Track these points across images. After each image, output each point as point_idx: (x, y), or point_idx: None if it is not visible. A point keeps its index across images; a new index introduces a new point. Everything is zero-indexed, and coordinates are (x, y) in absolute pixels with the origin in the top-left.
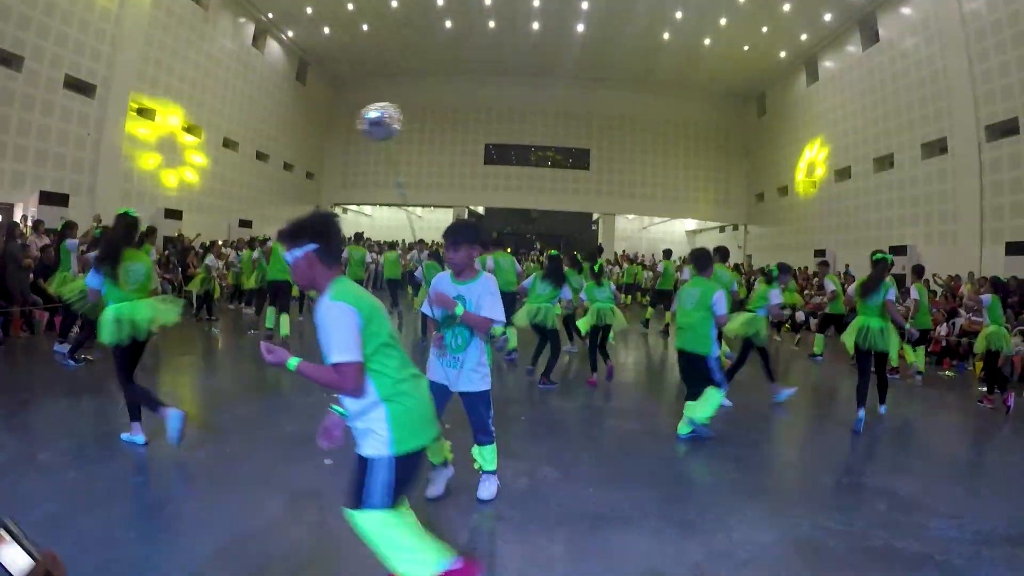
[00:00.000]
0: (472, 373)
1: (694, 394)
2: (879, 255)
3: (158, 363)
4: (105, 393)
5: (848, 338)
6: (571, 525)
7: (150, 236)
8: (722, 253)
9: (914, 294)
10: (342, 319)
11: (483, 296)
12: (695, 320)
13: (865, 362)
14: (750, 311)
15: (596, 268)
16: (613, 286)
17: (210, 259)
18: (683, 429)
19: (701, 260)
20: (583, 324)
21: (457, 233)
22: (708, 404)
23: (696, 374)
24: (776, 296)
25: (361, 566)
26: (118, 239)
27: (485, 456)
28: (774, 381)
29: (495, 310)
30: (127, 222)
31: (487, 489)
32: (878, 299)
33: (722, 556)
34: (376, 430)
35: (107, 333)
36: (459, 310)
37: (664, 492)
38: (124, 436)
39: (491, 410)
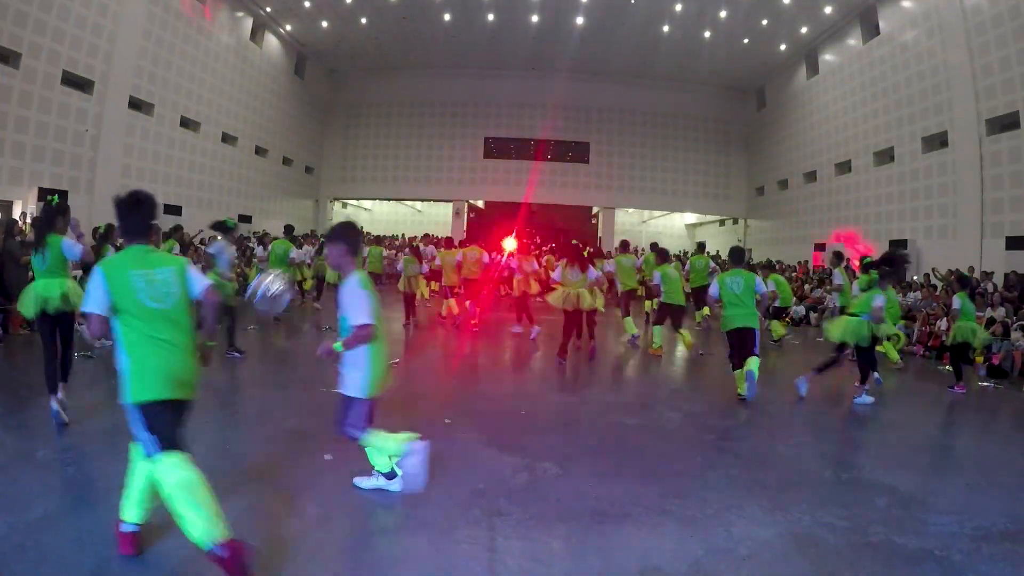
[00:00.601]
0: (345, 376)
1: (742, 363)
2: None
3: None
4: (103, 390)
5: (835, 329)
6: (571, 520)
7: (176, 233)
8: (700, 246)
9: (837, 278)
10: (92, 280)
11: (346, 299)
12: (746, 301)
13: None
14: (854, 315)
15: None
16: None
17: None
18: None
19: (737, 255)
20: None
21: (328, 234)
22: (754, 369)
23: (747, 345)
24: (879, 300)
25: (363, 560)
26: (41, 224)
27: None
28: (864, 384)
29: (356, 313)
30: (49, 209)
31: (363, 479)
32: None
33: (722, 552)
34: (123, 378)
35: (27, 307)
36: (337, 346)
37: (664, 487)
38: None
39: (354, 418)
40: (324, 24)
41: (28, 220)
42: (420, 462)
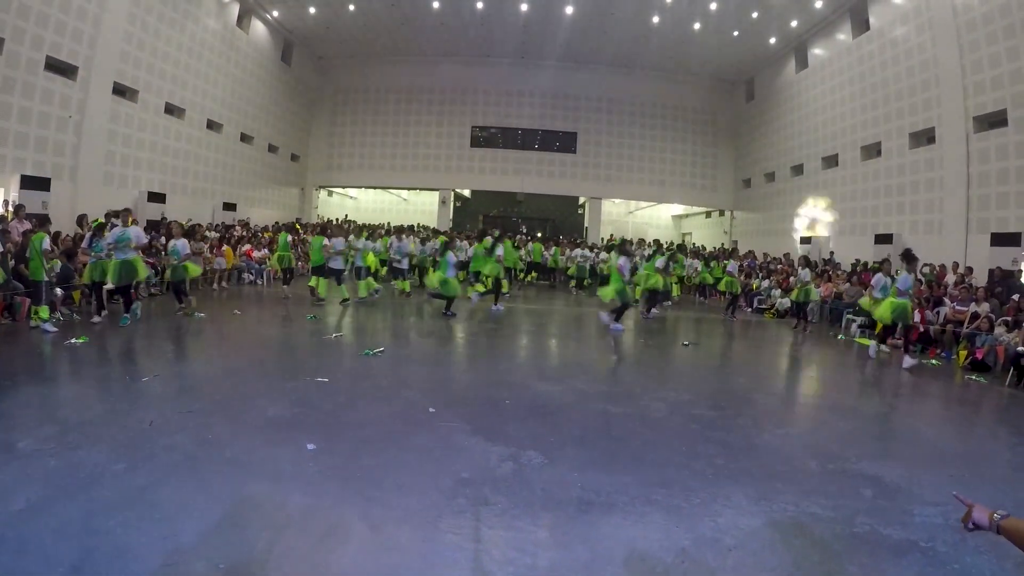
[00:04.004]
0: None
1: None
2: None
3: (143, 347)
4: (87, 379)
5: None
6: (556, 510)
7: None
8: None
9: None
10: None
11: None
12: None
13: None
14: None
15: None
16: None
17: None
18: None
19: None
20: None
21: None
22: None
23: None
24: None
25: (347, 550)
26: None
27: None
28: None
29: None
30: None
31: None
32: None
33: (708, 541)
34: None
35: None
36: None
37: (650, 477)
38: None
39: None
40: (312, 10)
41: (11, 208)
42: None
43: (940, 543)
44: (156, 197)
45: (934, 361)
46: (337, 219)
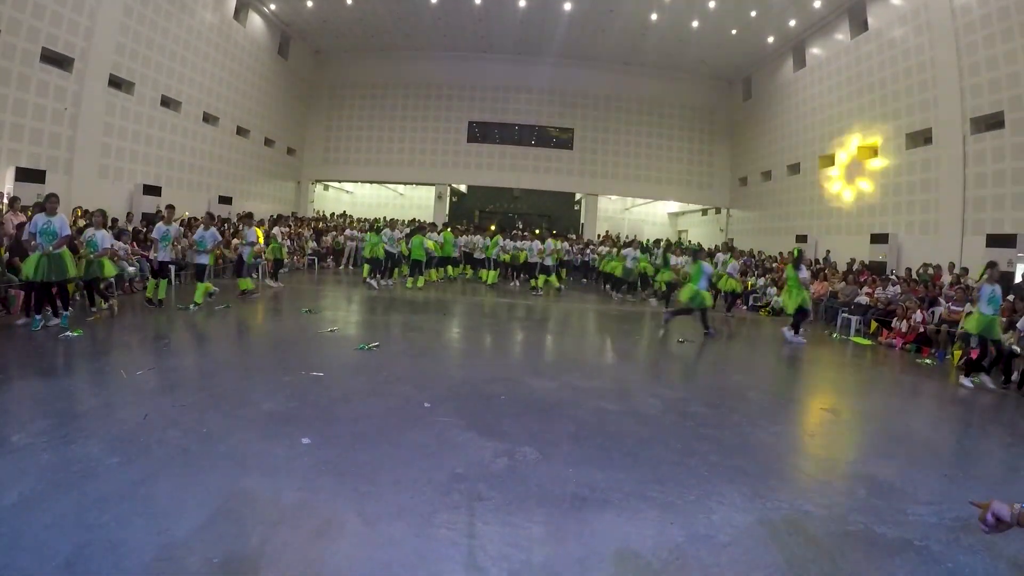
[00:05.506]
0: None
1: None
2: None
3: (137, 340)
4: (81, 373)
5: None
6: (551, 506)
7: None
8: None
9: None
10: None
11: None
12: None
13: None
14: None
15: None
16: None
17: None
18: None
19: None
20: None
21: None
22: None
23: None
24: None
25: (340, 546)
26: None
27: None
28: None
29: None
30: None
31: None
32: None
33: (702, 538)
34: None
35: None
36: None
37: (644, 473)
38: None
39: None
40: (309, 3)
41: (6, 201)
42: None
43: (934, 542)
44: (152, 190)
45: (928, 361)
46: (320, 211)
